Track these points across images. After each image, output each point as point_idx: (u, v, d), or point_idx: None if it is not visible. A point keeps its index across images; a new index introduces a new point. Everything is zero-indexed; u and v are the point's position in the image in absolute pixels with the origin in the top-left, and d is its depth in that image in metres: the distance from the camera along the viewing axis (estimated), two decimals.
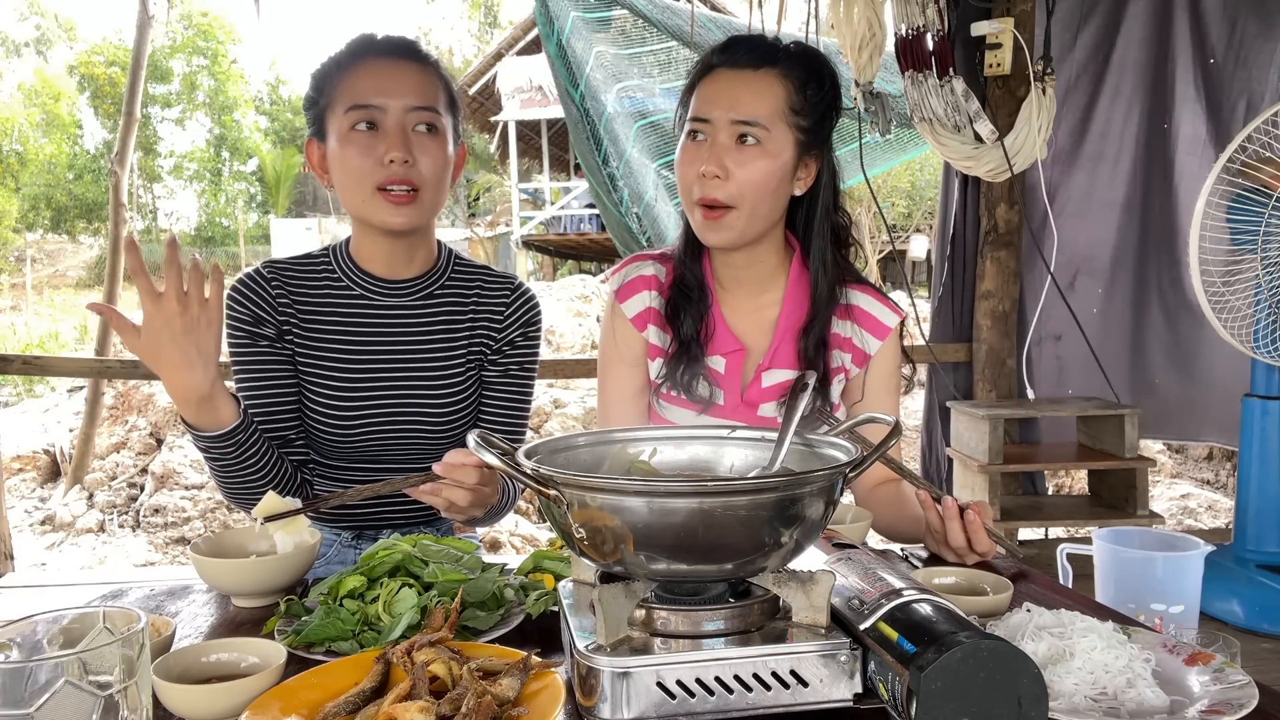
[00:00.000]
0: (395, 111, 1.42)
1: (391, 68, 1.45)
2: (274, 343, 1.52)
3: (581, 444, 1.05)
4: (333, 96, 1.45)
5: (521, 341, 1.61)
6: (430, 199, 1.47)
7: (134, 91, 6.71)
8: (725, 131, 1.43)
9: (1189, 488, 6.35)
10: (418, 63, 1.48)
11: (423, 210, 1.47)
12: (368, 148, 1.42)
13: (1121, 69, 3.55)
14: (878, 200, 4.39)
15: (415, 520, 1.60)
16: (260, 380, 1.51)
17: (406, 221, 1.46)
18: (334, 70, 1.47)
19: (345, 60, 1.47)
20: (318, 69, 1.50)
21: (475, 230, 19.37)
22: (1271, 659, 2.16)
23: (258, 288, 1.52)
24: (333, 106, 1.45)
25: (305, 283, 1.55)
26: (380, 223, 1.46)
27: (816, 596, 0.87)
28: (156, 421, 7.30)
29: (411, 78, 1.45)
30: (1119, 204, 3.62)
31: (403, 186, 1.43)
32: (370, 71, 1.44)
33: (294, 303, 1.53)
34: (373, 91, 1.42)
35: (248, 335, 1.51)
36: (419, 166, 1.44)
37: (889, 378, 1.60)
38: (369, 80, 1.43)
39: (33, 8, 32.70)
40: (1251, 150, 2.15)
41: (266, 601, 1.20)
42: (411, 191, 1.44)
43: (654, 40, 4.74)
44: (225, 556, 1.23)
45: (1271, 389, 2.39)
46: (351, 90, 1.43)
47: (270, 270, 1.55)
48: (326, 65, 1.49)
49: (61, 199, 29.04)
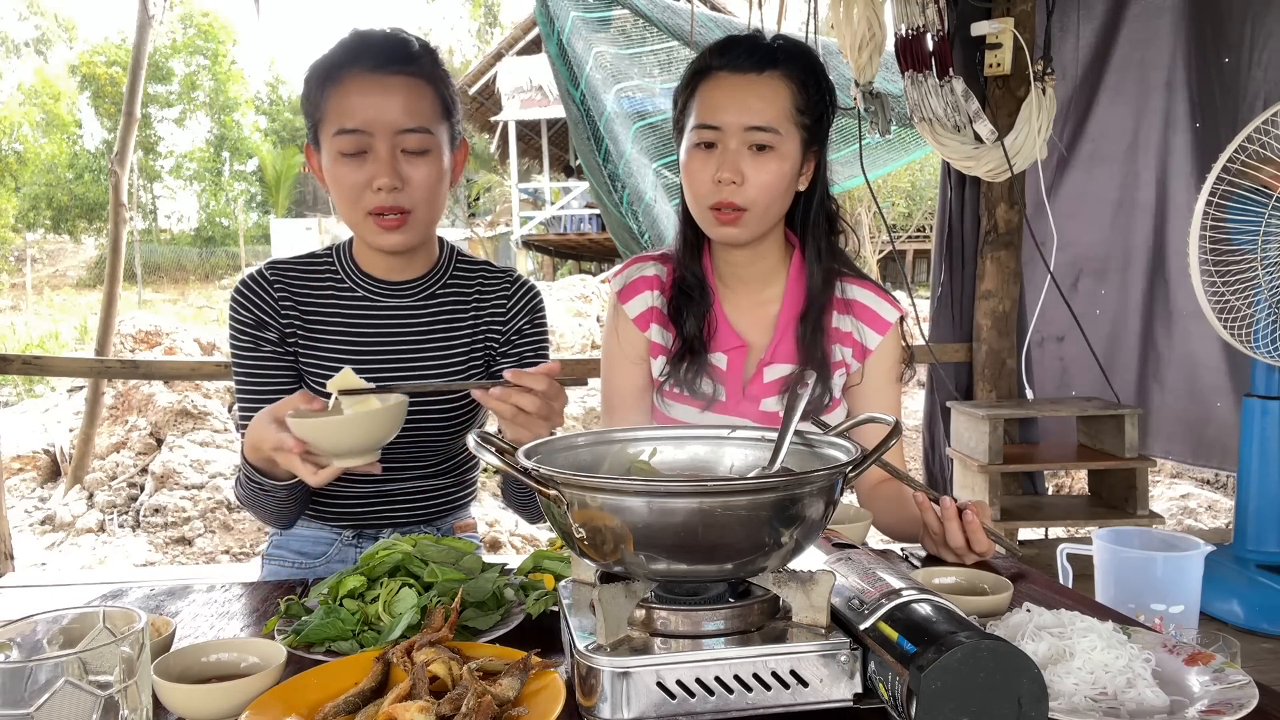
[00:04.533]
0: (384, 134, 1.39)
1: (380, 85, 1.40)
2: (277, 346, 1.52)
3: (581, 444, 1.05)
4: (324, 111, 1.42)
5: (529, 330, 1.62)
6: (424, 217, 1.46)
7: (134, 91, 6.71)
8: (738, 138, 1.44)
9: (1189, 488, 6.34)
10: (408, 74, 1.42)
11: (416, 231, 1.45)
12: (357, 170, 1.40)
13: (1122, 68, 3.54)
14: (878, 200, 4.39)
15: (416, 520, 1.61)
16: (263, 382, 1.51)
17: (400, 243, 1.45)
18: (324, 80, 1.43)
19: (335, 70, 1.42)
20: (309, 71, 1.46)
21: (475, 230, 19.37)
22: (1271, 659, 2.16)
23: (261, 290, 1.52)
24: (323, 123, 1.42)
25: (308, 283, 1.55)
26: (374, 245, 1.46)
27: (816, 596, 0.87)
28: (156, 421, 7.30)
29: (400, 96, 1.40)
30: (1121, 204, 3.62)
31: (392, 213, 1.41)
32: (358, 88, 1.39)
33: (297, 304, 1.53)
34: (360, 113, 1.38)
35: (251, 339, 1.51)
36: (410, 189, 1.41)
37: (889, 372, 1.61)
38: (357, 99, 1.39)
39: (33, 8, 32.71)
40: (1251, 150, 2.14)
41: (365, 460, 1.20)
42: (402, 214, 1.42)
43: (654, 40, 4.74)
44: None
45: (1271, 389, 2.39)
46: (339, 110, 1.40)
47: (273, 271, 1.54)
48: (318, 70, 1.44)
49: (62, 199, 29.06)
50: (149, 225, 32.30)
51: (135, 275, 21.72)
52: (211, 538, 6.29)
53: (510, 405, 1.22)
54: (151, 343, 8.64)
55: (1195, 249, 2.19)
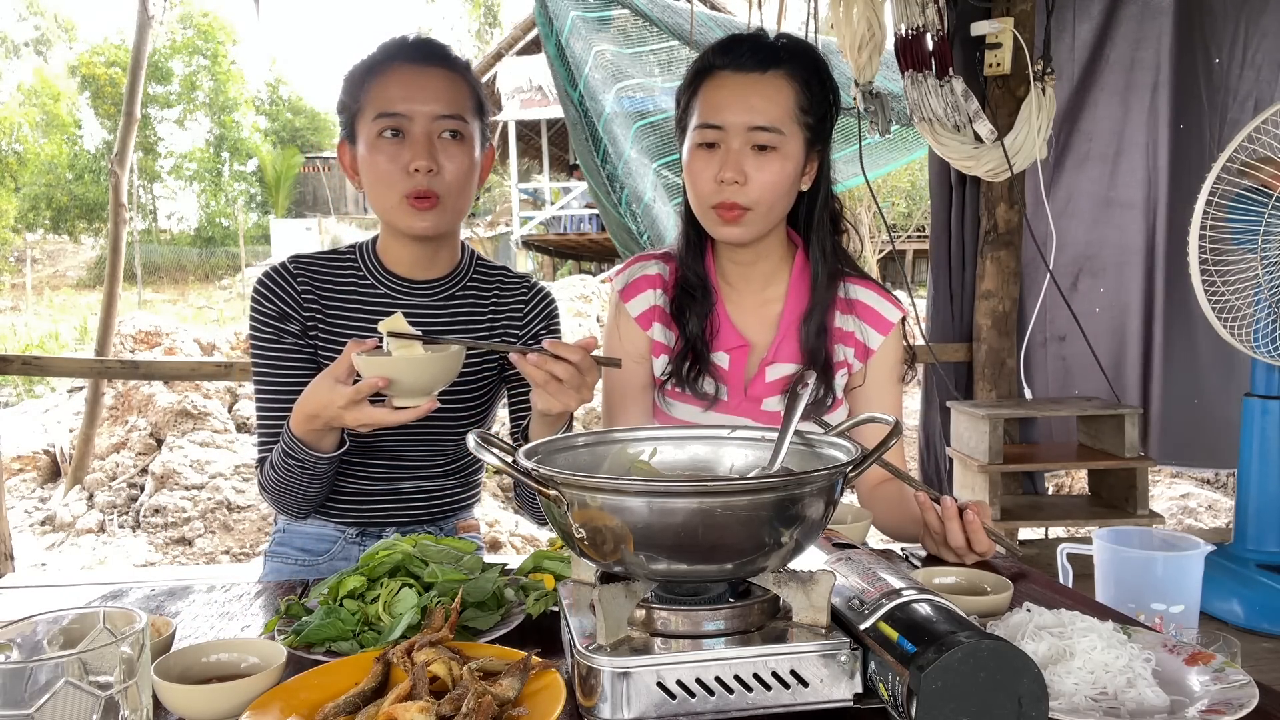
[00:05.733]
0: (422, 120, 1.44)
1: (420, 75, 1.46)
2: (298, 338, 1.53)
3: (581, 444, 1.05)
4: (363, 102, 1.47)
5: (545, 334, 1.65)
6: (455, 205, 1.50)
7: (134, 92, 6.71)
8: (741, 138, 1.44)
9: (1189, 488, 6.34)
10: (446, 68, 1.49)
11: (446, 216, 1.49)
12: (394, 155, 1.44)
13: (1123, 68, 3.54)
14: (878, 200, 4.39)
15: (420, 519, 1.61)
16: (282, 374, 1.52)
17: (431, 227, 1.48)
18: (365, 75, 1.49)
19: (376, 65, 1.48)
20: (350, 72, 1.51)
21: (475, 230, 19.37)
22: (1271, 659, 2.16)
23: (284, 282, 1.54)
24: (363, 112, 1.47)
25: (331, 278, 1.57)
26: (406, 228, 1.49)
27: (816, 596, 0.87)
28: (156, 422, 7.30)
29: (439, 85, 1.46)
30: (1121, 204, 3.62)
31: (426, 196, 1.45)
32: (399, 79, 1.46)
33: (320, 298, 1.55)
34: (400, 99, 1.44)
35: (273, 330, 1.52)
36: (444, 174, 1.46)
37: (891, 372, 1.61)
38: (398, 88, 1.45)
39: (32, 8, 32.71)
40: (1251, 150, 2.14)
41: (426, 400, 1.26)
42: (436, 199, 1.46)
43: (655, 40, 4.74)
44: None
45: (1271, 389, 2.39)
46: (381, 97, 1.45)
47: (296, 265, 1.56)
48: (358, 69, 1.50)
49: (61, 199, 29.04)
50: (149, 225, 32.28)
51: (135, 275, 21.71)
52: (211, 538, 6.29)
53: (544, 372, 1.25)
54: (151, 343, 8.64)
55: (1195, 248, 2.19)
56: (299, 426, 1.35)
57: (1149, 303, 3.63)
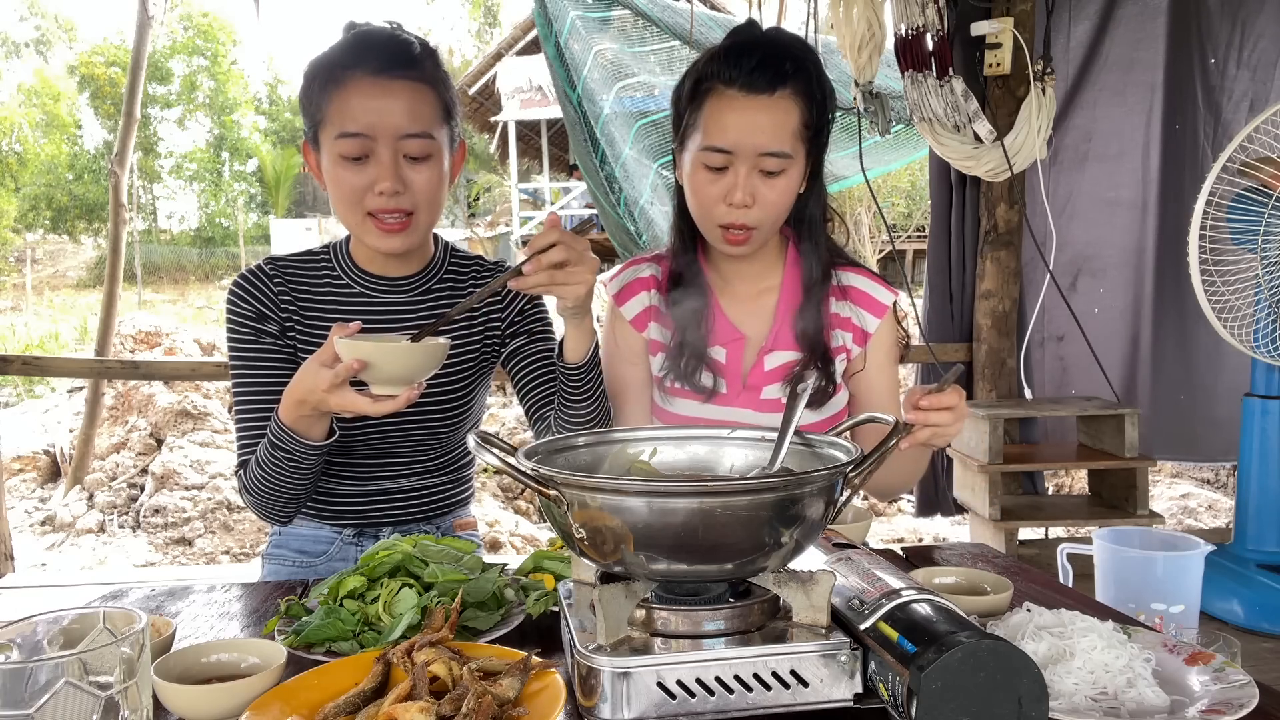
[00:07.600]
0: (386, 138, 1.39)
1: (383, 89, 1.40)
2: (277, 339, 1.52)
3: (581, 444, 1.05)
4: (326, 113, 1.42)
5: (530, 309, 1.63)
6: (424, 219, 1.47)
7: (134, 92, 6.72)
8: (750, 162, 1.43)
9: (1189, 487, 6.34)
10: (410, 78, 1.42)
11: (417, 233, 1.47)
12: (359, 173, 1.41)
13: (1121, 68, 3.55)
14: (878, 200, 4.39)
15: (415, 518, 1.61)
16: (262, 375, 1.51)
17: (400, 246, 1.46)
18: (326, 80, 1.42)
19: (337, 71, 1.41)
20: (310, 69, 1.45)
21: (475, 230, 19.37)
22: (1271, 659, 2.16)
23: (260, 284, 1.53)
24: (325, 124, 1.42)
25: (306, 279, 1.56)
26: (373, 246, 1.47)
27: (817, 596, 0.87)
28: (156, 422, 7.30)
29: (403, 101, 1.40)
30: (1120, 204, 3.62)
31: (394, 215, 1.43)
32: (360, 92, 1.39)
33: (295, 299, 1.54)
34: (362, 117, 1.38)
35: (251, 331, 1.51)
36: (411, 191, 1.42)
37: (889, 353, 1.64)
38: (359, 102, 1.39)
39: (33, 8, 32.72)
40: (1252, 150, 2.14)
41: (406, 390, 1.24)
42: (405, 217, 1.44)
43: (655, 40, 4.74)
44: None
45: (1271, 389, 2.39)
46: (341, 113, 1.40)
47: (272, 267, 1.55)
48: (320, 70, 1.44)
49: (61, 199, 29.05)
50: (149, 226, 32.28)
51: (135, 276, 21.71)
52: (211, 538, 6.29)
53: (546, 271, 1.22)
54: (151, 343, 8.65)
55: (1195, 248, 2.19)
56: (288, 414, 1.33)
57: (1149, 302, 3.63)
